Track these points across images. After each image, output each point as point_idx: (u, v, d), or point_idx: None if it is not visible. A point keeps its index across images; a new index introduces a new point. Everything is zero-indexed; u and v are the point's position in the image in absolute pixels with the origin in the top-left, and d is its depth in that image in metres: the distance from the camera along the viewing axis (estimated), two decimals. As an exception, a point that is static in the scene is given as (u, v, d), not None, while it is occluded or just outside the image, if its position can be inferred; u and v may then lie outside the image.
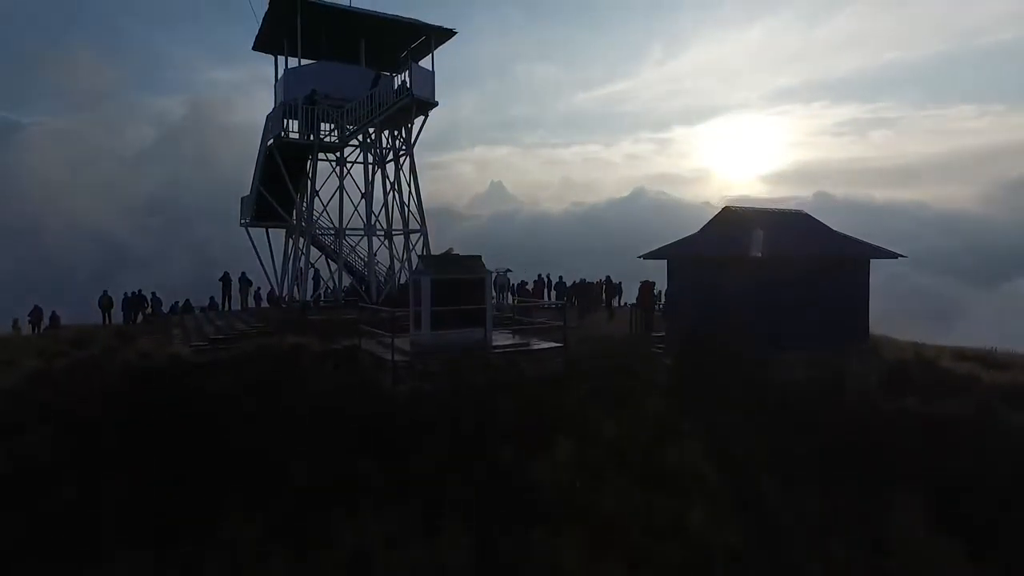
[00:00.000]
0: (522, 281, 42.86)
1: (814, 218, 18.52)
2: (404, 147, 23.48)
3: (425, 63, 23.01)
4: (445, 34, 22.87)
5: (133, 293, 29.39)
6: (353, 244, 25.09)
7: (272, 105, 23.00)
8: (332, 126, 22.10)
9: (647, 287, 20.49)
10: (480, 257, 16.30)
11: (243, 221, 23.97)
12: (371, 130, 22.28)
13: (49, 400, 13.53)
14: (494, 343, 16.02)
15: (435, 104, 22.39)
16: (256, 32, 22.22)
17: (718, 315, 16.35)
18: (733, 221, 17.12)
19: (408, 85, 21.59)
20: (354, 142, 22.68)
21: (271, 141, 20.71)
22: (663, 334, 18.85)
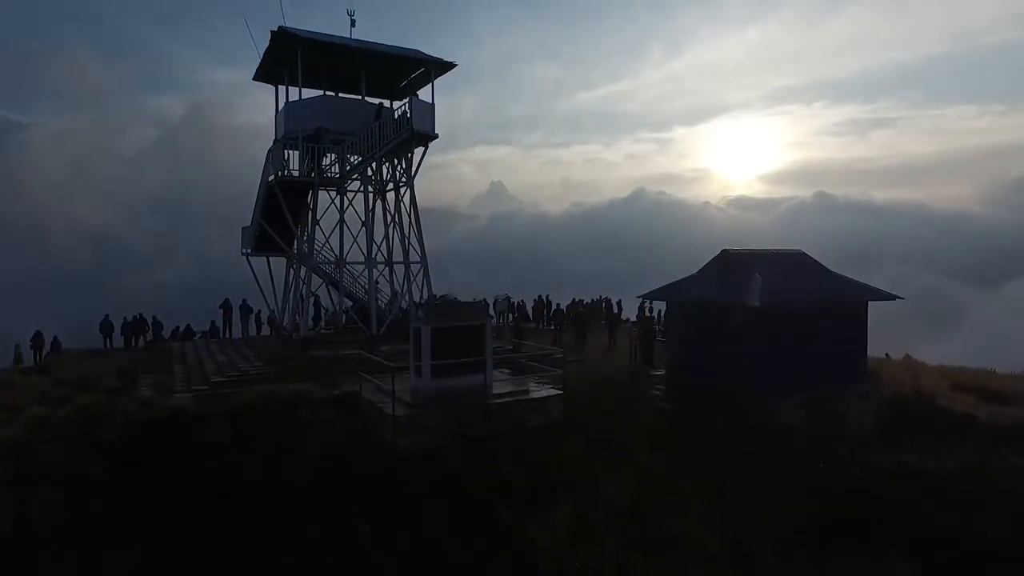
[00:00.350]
0: (521, 301, 42.91)
1: (812, 258, 18.58)
2: (404, 178, 23.49)
3: (425, 92, 23.07)
4: (445, 66, 22.92)
5: (134, 317, 29.47)
6: (354, 273, 25.13)
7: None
8: (333, 157, 22.16)
9: (646, 322, 20.52)
10: (481, 302, 16.36)
11: (244, 251, 23.99)
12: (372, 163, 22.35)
13: (50, 458, 13.59)
14: (494, 391, 16.07)
15: (435, 136, 22.43)
16: (257, 63, 22.35)
17: (716, 360, 16.40)
18: (732, 264, 17.18)
19: (408, 117, 21.62)
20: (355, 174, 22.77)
21: (272, 177, 20.75)
22: (662, 372, 18.90)
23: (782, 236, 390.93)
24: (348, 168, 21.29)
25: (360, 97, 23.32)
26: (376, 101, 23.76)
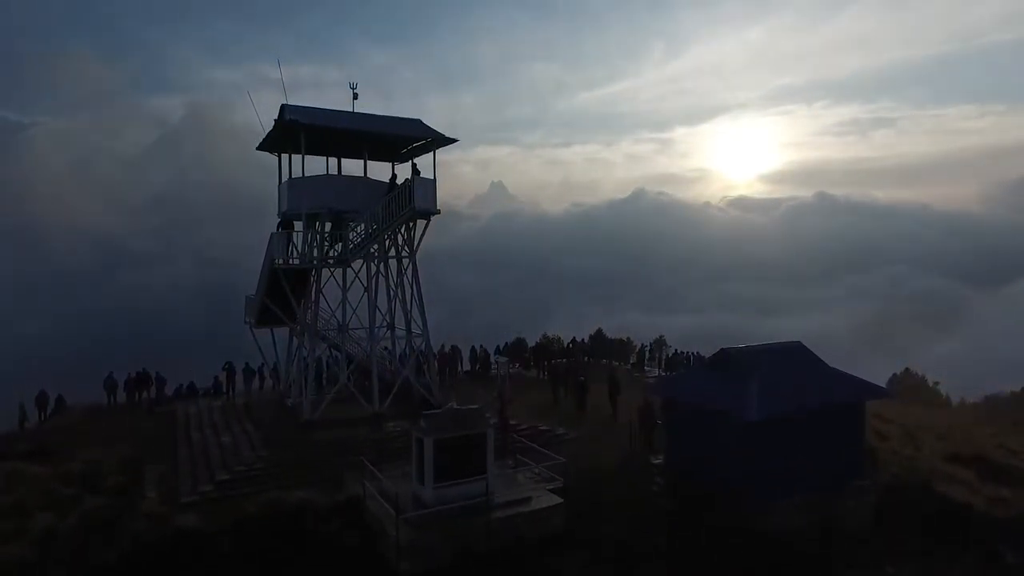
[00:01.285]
0: (518, 339, 43.01)
1: (809, 351, 18.73)
2: (407, 249, 23.64)
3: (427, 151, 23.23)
4: (445, 141, 23.10)
5: (137, 373, 29.61)
6: (357, 339, 25.28)
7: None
8: (337, 235, 22.32)
9: (646, 407, 20.66)
10: (480, 409, 16.51)
11: (247, 321, 24.16)
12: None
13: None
14: (495, 499, 16.24)
15: (437, 212, 22.58)
16: (262, 137, 22.52)
17: (715, 460, 16.56)
18: (731, 363, 17.32)
19: (410, 198, 21.74)
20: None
21: (276, 262, 20.89)
22: (661, 459, 19.08)
23: (783, 237, 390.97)
24: (352, 247, 21.41)
25: (363, 174, 23.48)
26: (385, 177, 23.81)
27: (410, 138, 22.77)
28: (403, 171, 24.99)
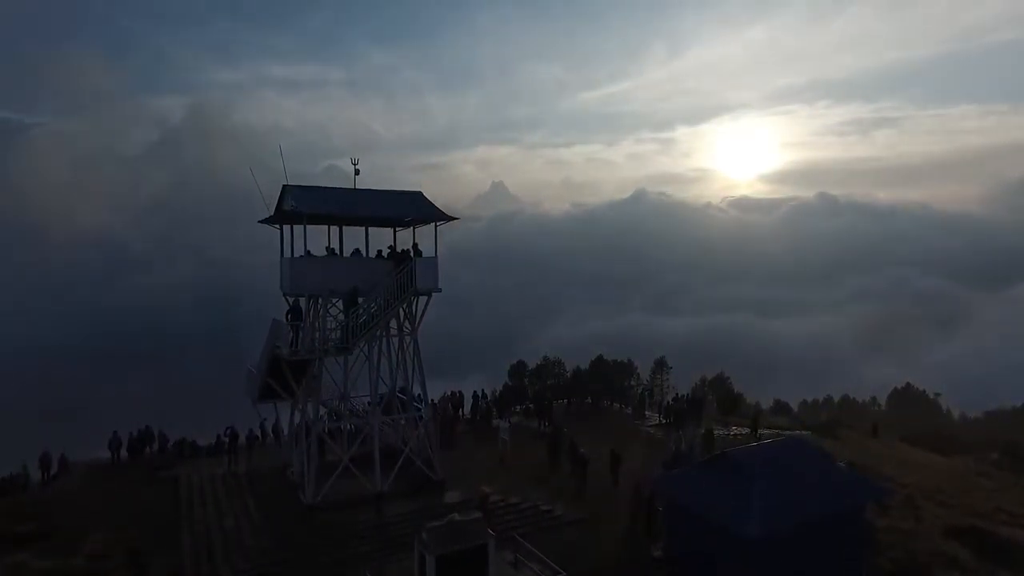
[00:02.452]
0: (517, 364, 42.87)
1: (810, 447, 18.70)
2: (408, 325, 23.64)
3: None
4: (447, 218, 23.11)
5: (139, 431, 29.67)
6: (358, 412, 25.32)
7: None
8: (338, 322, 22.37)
9: (646, 497, 20.60)
10: (480, 519, 16.50)
11: (250, 394, 24.16)
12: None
13: None
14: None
15: (439, 291, 22.61)
16: (264, 214, 22.56)
17: (715, 566, 16.51)
18: (731, 467, 17.25)
19: (411, 279, 21.74)
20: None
21: (277, 349, 20.92)
22: (661, 552, 19.01)
23: (784, 238, 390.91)
24: (353, 333, 21.38)
25: (364, 240, 23.44)
26: (386, 249, 23.70)
27: (411, 216, 22.81)
28: (404, 236, 24.97)
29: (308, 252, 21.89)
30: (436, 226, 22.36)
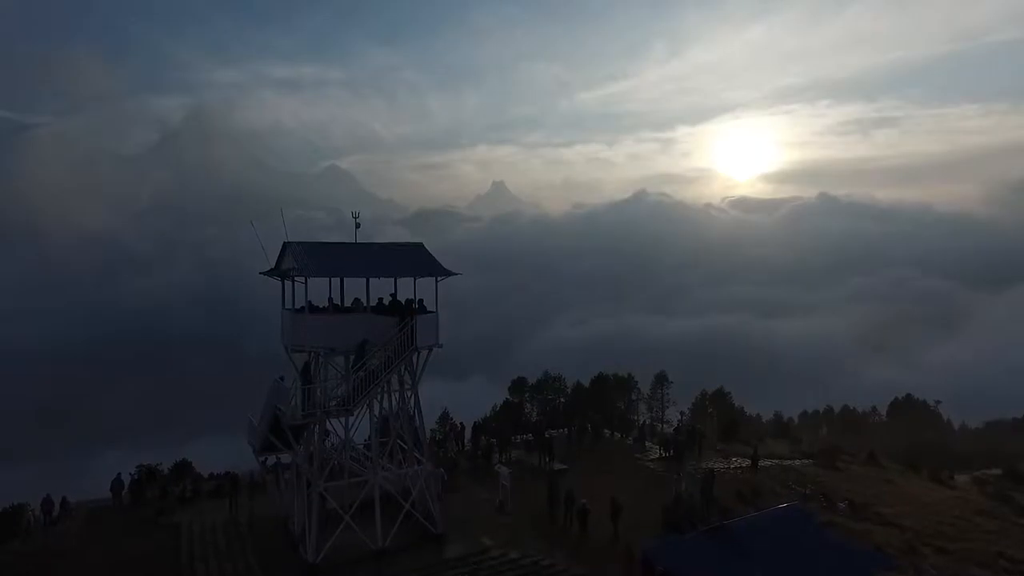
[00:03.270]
0: (517, 380, 42.61)
1: (809, 517, 18.66)
2: (409, 380, 23.58)
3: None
4: (448, 274, 23.11)
5: (141, 471, 29.67)
6: (358, 465, 25.22)
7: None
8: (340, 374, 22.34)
9: (645, 567, 20.41)
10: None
11: (252, 444, 24.13)
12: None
13: None
14: None
15: (440, 346, 22.60)
16: (266, 265, 22.56)
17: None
18: (730, 539, 17.19)
19: (412, 338, 21.65)
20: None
21: (278, 411, 20.91)
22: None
23: (785, 238, 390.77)
24: (353, 392, 21.29)
25: (366, 301, 23.39)
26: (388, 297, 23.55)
27: (411, 274, 22.70)
28: (405, 284, 24.80)
29: (309, 302, 21.79)
30: (437, 281, 22.29)
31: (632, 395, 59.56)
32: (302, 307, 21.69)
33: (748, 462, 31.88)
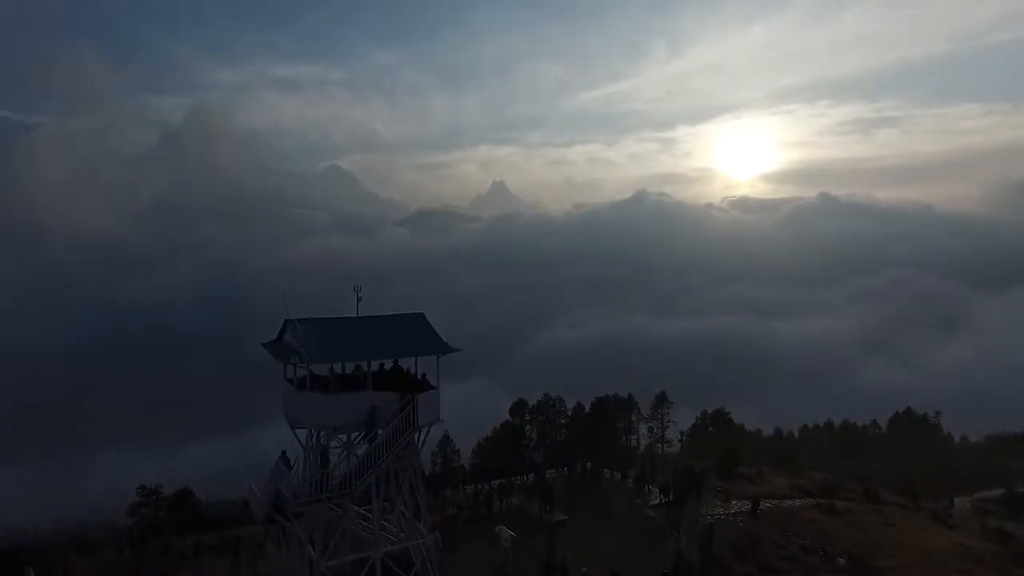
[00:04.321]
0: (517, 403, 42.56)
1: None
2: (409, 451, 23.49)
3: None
4: (451, 350, 23.06)
5: (142, 529, 29.67)
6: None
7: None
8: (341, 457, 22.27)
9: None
10: None
11: (254, 513, 24.08)
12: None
13: None
14: None
15: (440, 421, 22.64)
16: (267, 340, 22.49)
17: None
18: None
19: (413, 418, 21.58)
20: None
21: (278, 493, 20.86)
22: None
23: (786, 239, 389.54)
24: (354, 476, 21.22)
25: (368, 367, 23.32)
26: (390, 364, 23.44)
27: (413, 353, 22.60)
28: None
29: (310, 372, 21.69)
30: (438, 359, 22.17)
31: (632, 416, 59.65)
32: (303, 377, 21.58)
33: (749, 504, 31.88)
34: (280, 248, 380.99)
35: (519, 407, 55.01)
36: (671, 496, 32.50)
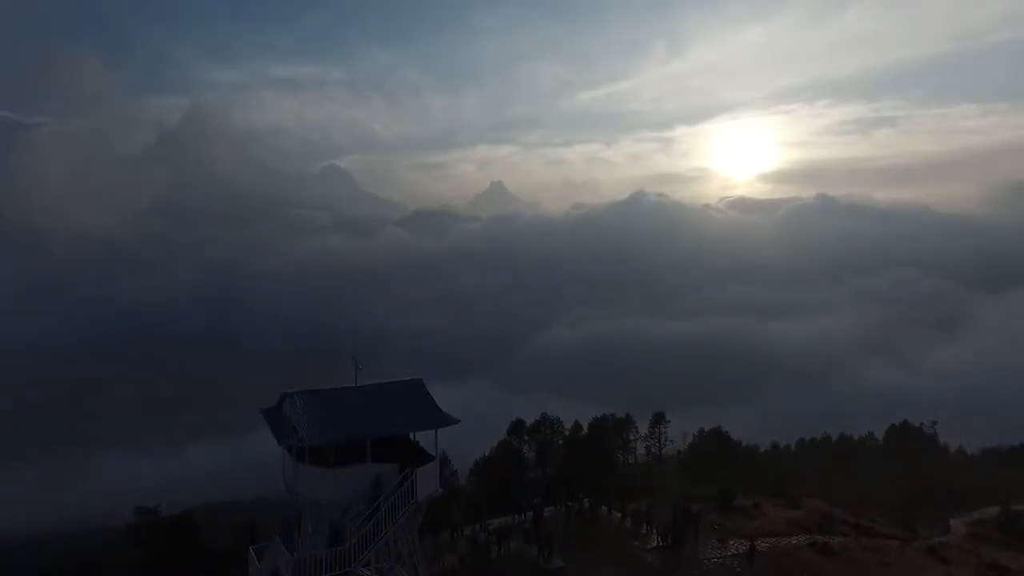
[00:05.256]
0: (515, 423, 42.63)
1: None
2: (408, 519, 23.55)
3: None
4: (450, 422, 23.14)
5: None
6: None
7: None
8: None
9: None
10: None
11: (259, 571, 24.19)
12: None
13: None
14: None
15: (440, 491, 22.77)
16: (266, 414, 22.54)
17: None
18: None
19: (413, 489, 21.62)
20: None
21: (275, 571, 20.99)
22: None
23: (784, 239, 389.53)
24: (354, 550, 21.29)
25: (367, 444, 23.34)
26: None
27: (412, 428, 22.67)
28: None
29: (310, 450, 21.57)
30: (436, 433, 22.24)
31: (630, 434, 59.86)
32: (302, 448, 21.55)
33: (747, 545, 32.08)
34: (279, 248, 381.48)
35: (517, 427, 55.23)
36: (669, 540, 32.67)
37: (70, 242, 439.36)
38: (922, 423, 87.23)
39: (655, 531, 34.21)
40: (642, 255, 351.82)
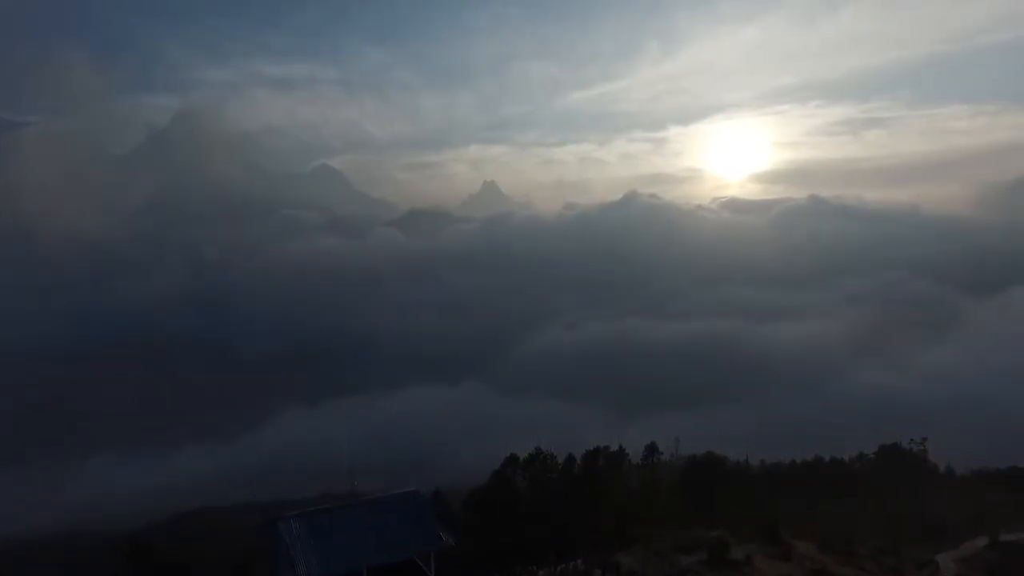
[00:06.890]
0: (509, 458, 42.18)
1: None
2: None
3: None
4: (445, 546, 23.11)
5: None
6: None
7: None
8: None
9: None
10: None
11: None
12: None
13: None
14: None
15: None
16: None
17: None
18: None
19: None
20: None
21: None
22: None
23: (775, 240, 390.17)
24: None
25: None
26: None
27: (409, 554, 22.60)
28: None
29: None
30: (432, 556, 22.15)
31: (623, 465, 60.01)
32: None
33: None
34: (271, 248, 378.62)
35: (511, 462, 55.28)
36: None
37: (60, 242, 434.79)
38: (912, 440, 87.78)
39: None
40: (634, 256, 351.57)
